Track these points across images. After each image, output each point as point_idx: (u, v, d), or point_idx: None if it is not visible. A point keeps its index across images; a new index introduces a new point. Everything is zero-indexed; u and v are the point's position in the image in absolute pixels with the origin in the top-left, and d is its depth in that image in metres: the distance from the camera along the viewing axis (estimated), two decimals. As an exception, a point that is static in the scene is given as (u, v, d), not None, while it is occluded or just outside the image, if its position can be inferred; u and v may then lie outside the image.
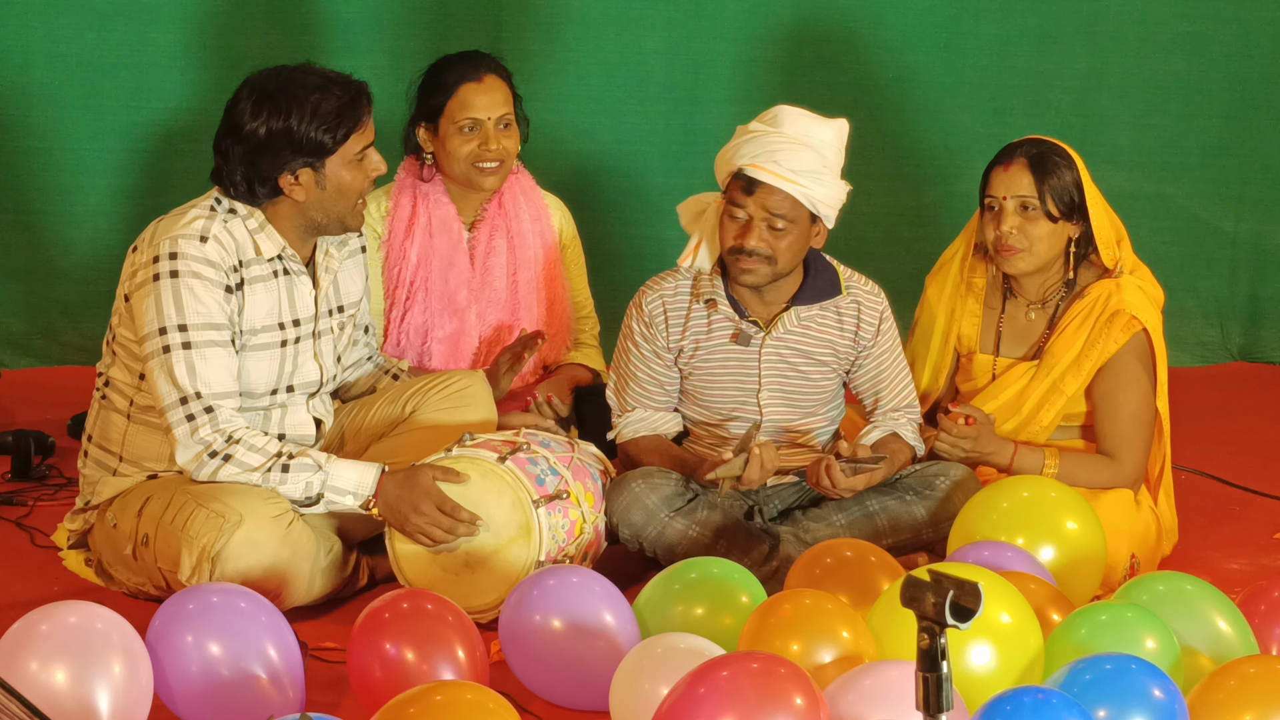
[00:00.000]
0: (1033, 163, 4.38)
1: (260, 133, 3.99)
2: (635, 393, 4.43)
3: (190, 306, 3.98)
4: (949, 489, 4.30)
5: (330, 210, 4.08)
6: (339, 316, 4.28)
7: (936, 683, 2.65)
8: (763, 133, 4.21)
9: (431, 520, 3.99)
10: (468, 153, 4.73)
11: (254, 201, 4.06)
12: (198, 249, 4.00)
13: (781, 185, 4.17)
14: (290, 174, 4.02)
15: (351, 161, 4.06)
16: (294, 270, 4.14)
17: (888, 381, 4.44)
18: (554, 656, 3.62)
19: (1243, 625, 3.64)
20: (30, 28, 5.86)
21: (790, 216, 4.20)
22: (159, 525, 4.00)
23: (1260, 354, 6.40)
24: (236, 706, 3.43)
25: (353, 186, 4.07)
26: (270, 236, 4.08)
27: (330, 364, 4.26)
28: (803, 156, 4.17)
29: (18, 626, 3.34)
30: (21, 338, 6.03)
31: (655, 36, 6.08)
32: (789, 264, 4.27)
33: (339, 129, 4.01)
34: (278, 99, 4.00)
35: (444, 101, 4.73)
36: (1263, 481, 5.11)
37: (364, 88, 4.09)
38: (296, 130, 3.99)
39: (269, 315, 4.10)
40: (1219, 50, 6.20)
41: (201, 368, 3.97)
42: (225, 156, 4.04)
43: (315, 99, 4.00)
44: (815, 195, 4.19)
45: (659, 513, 4.22)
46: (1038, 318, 4.51)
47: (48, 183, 5.98)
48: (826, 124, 4.24)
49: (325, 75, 4.06)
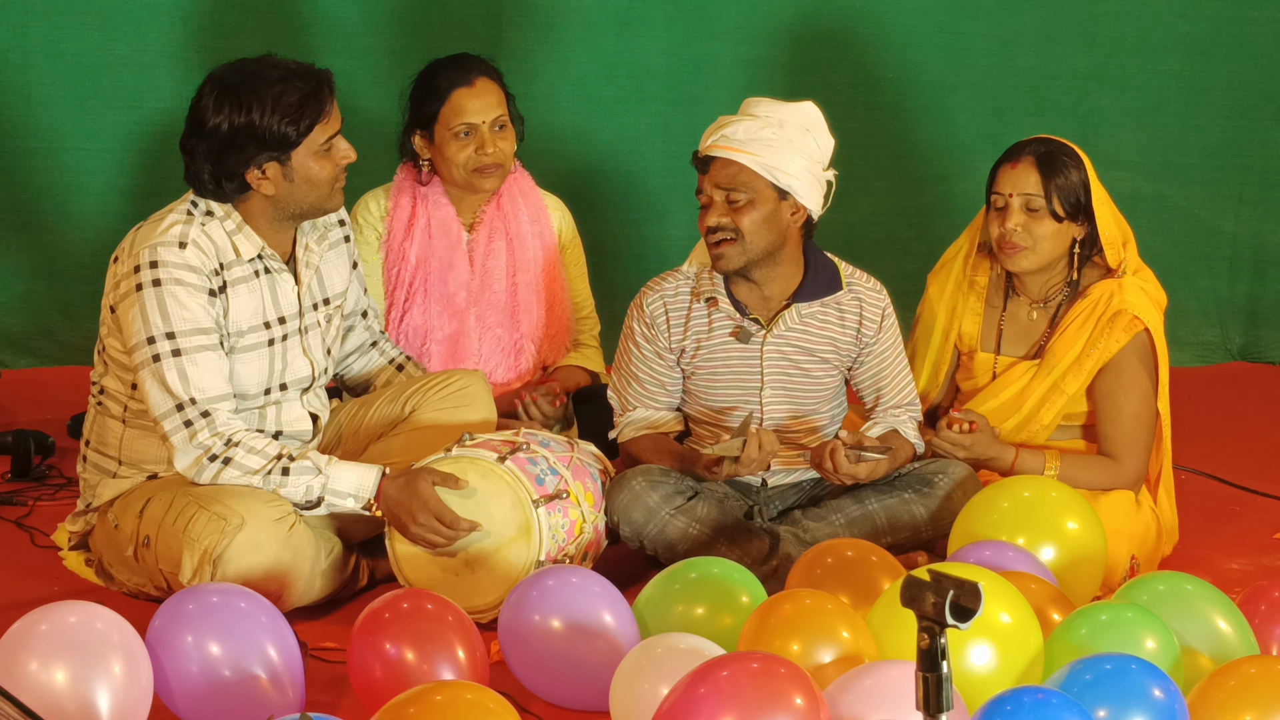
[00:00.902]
0: (1040, 161, 4.37)
1: (223, 129, 3.97)
2: (637, 392, 4.43)
3: (176, 314, 3.96)
4: (949, 488, 4.30)
5: (301, 201, 4.06)
6: (325, 310, 4.27)
7: (936, 683, 2.65)
8: (721, 120, 4.25)
9: (430, 529, 3.99)
10: (465, 158, 4.72)
11: (223, 198, 4.04)
12: (178, 255, 3.98)
13: (729, 155, 4.18)
14: (257, 169, 4.00)
15: (318, 152, 4.03)
16: (275, 269, 4.12)
17: (889, 379, 4.44)
18: (554, 656, 3.62)
19: (1243, 625, 3.64)
20: (30, 28, 5.86)
21: (745, 188, 4.19)
22: (160, 527, 4.00)
23: (1260, 354, 6.40)
24: (236, 706, 3.43)
25: (321, 176, 4.04)
26: (249, 237, 4.07)
27: (320, 358, 4.25)
28: (751, 126, 4.19)
29: (18, 626, 3.34)
30: (21, 338, 6.03)
31: (655, 36, 6.08)
32: (759, 241, 4.24)
33: (302, 120, 3.98)
34: (238, 94, 3.97)
35: (437, 108, 4.72)
36: (1263, 481, 5.12)
37: (326, 77, 4.05)
38: (259, 124, 3.95)
39: (254, 315, 4.09)
40: (1219, 50, 6.21)
41: (194, 373, 3.97)
42: (191, 155, 4.02)
43: (276, 91, 3.96)
44: (769, 162, 4.17)
45: (659, 510, 4.22)
46: (1039, 317, 4.51)
47: (48, 183, 5.98)
48: (786, 104, 4.25)
49: (286, 66, 4.02)
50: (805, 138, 4.23)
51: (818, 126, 4.26)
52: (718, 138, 4.22)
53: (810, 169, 4.23)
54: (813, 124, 4.26)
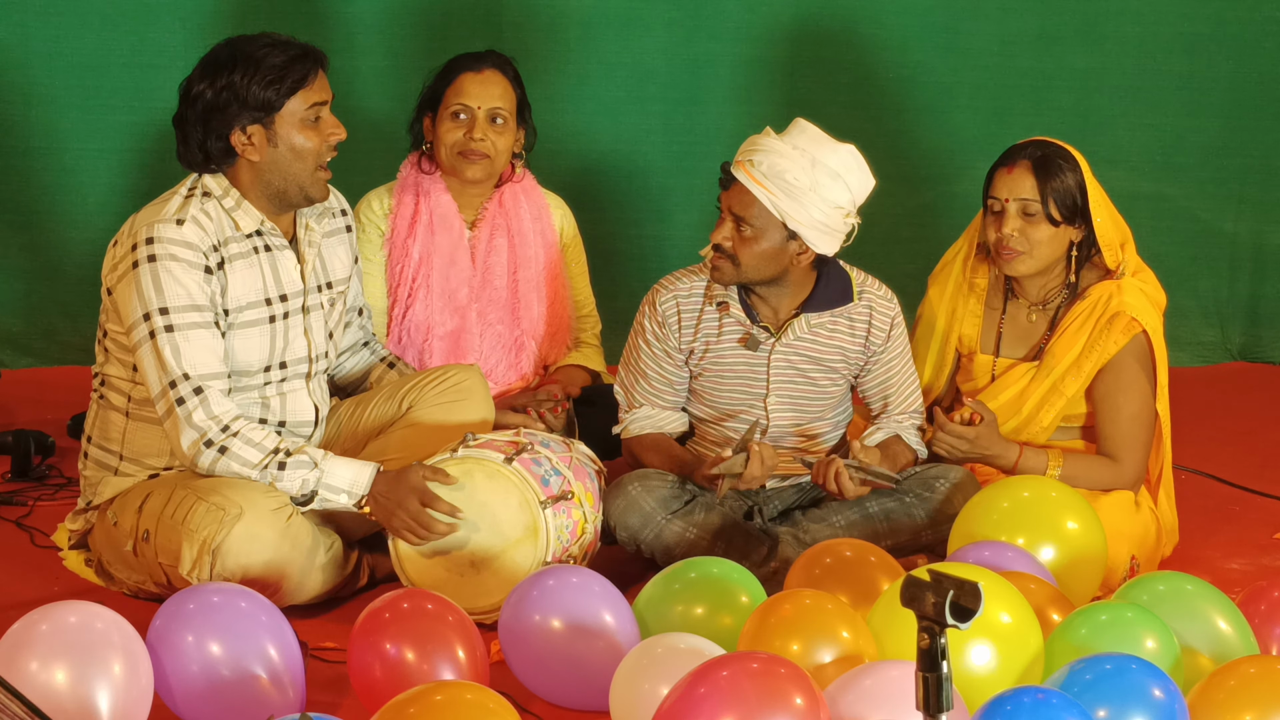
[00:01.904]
0: (1036, 165, 4.37)
1: (208, 94, 4.03)
2: (644, 389, 4.42)
3: (170, 289, 3.99)
4: (948, 491, 4.29)
5: (287, 172, 4.07)
6: (328, 293, 4.28)
7: (936, 683, 2.65)
8: (765, 134, 4.21)
9: (414, 515, 3.98)
10: (454, 140, 4.74)
11: (212, 167, 4.07)
12: (174, 232, 4.01)
13: (749, 185, 4.16)
14: (241, 130, 4.03)
15: (304, 121, 4.06)
16: (276, 246, 4.14)
17: (896, 386, 4.43)
18: (554, 656, 3.62)
19: (1243, 625, 3.64)
20: (30, 28, 5.87)
21: (756, 222, 4.17)
22: (159, 520, 4.00)
23: (1260, 354, 6.40)
24: (236, 706, 3.43)
25: (307, 148, 4.07)
26: (247, 211, 4.09)
27: (321, 340, 4.25)
28: (783, 164, 4.13)
29: (18, 626, 3.34)
30: (21, 338, 6.03)
31: (655, 36, 6.08)
32: (753, 271, 4.22)
33: (283, 82, 4.02)
34: (224, 61, 4.04)
35: (442, 89, 4.77)
36: (1263, 481, 5.11)
37: (315, 50, 4.10)
38: (240, 84, 4.01)
39: (254, 292, 4.10)
40: (1219, 50, 6.20)
41: (186, 349, 3.98)
42: (181, 124, 4.08)
43: (260, 54, 4.03)
44: (783, 206, 4.13)
45: (656, 515, 4.22)
46: (1039, 319, 4.51)
47: (48, 183, 5.98)
48: (828, 142, 4.17)
49: (277, 38, 4.09)
50: (834, 183, 4.15)
51: (852, 171, 4.17)
52: (747, 160, 4.17)
53: (828, 219, 4.15)
54: (847, 169, 4.16)
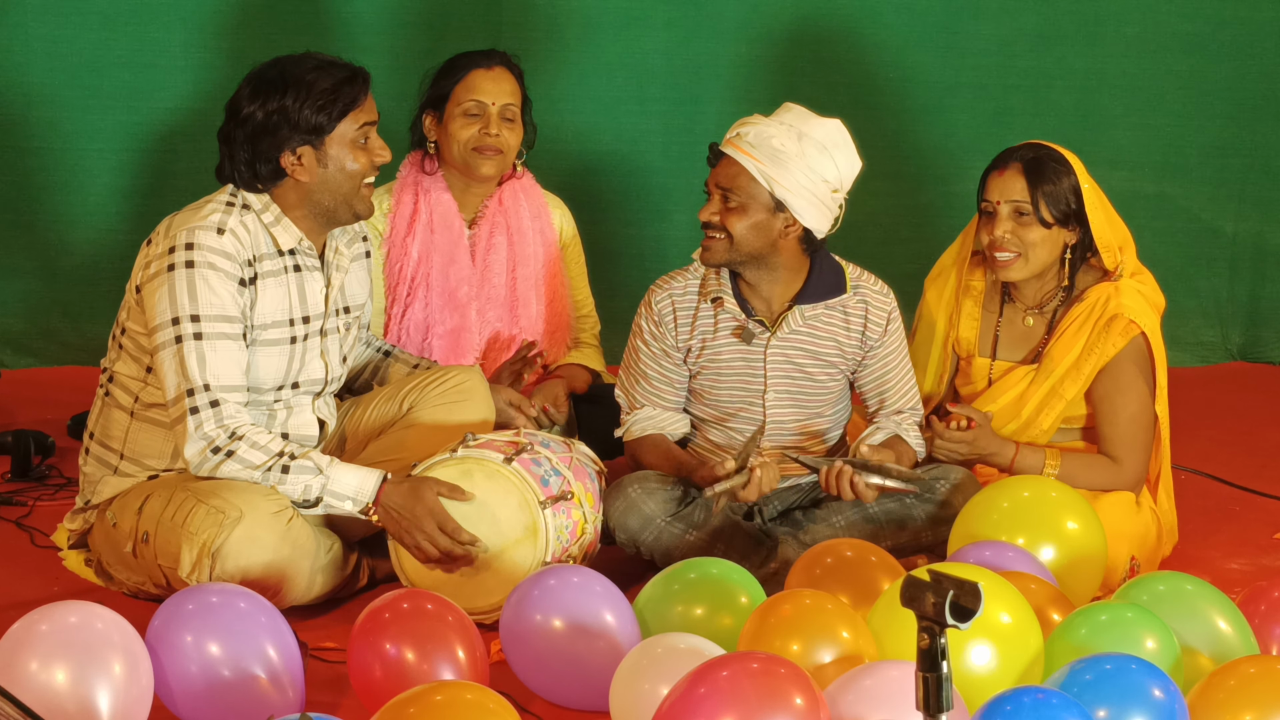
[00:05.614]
0: (1028, 168, 4.37)
1: (258, 116, 4.04)
2: (645, 390, 4.43)
3: (204, 297, 3.99)
4: (948, 492, 4.29)
5: (336, 192, 4.10)
6: (345, 317, 4.29)
7: (936, 683, 2.65)
8: (753, 117, 4.24)
9: (429, 538, 3.99)
10: (468, 136, 4.74)
11: (258, 186, 4.08)
12: (215, 240, 4.01)
13: (735, 155, 4.19)
14: (291, 153, 4.05)
15: (353, 142, 4.08)
16: (307, 266, 4.15)
17: (893, 382, 4.43)
18: (554, 656, 3.62)
19: (1243, 625, 3.64)
20: (30, 28, 5.87)
21: (741, 191, 4.20)
22: (159, 522, 4.00)
23: (1260, 354, 6.40)
24: (236, 706, 3.43)
25: (355, 168, 4.09)
26: (287, 229, 4.10)
27: (336, 364, 4.26)
28: (767, 130, 4.18)
29: (18, 626, 3.34)
30: (21, 338, 6.03)
31: (655, 36, 6.08)
32: (746, 245, 4.23)
33: (335, 106, 4.05)
34: (275, 82, 4.05)
35: (451, 86, 4.77)
36: (1263, 481, 5.12)
37: (362, 70, 4.12)
38: (292, 108, 4.02)
39: (280, 311, 4.11)
40: (1219, 50, 6.21)
41: (212, 359, 3.98)
42: (228, 142, 4.08)
43: (311, 78, 4.04)
44: (769, 172, 4.16)
45: (656, 518, 4.22)
46: (1036, 322, 4.51)
47: (48, 183, 5.98)
48: (815, 117, 4.22)
49: (323, 59, 4.11)
50: (821, 155, 4.18)
51: (839, 146, 4.20)
52: (734, 135, 4.23)
53: (814, 188, 4.18)
54: (834, 143, 4.20)
